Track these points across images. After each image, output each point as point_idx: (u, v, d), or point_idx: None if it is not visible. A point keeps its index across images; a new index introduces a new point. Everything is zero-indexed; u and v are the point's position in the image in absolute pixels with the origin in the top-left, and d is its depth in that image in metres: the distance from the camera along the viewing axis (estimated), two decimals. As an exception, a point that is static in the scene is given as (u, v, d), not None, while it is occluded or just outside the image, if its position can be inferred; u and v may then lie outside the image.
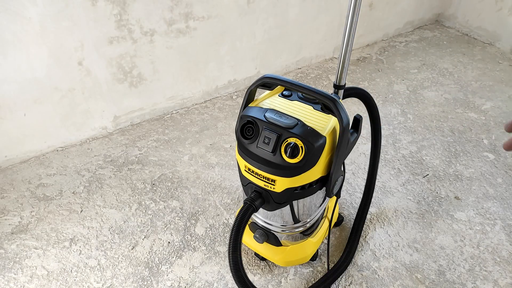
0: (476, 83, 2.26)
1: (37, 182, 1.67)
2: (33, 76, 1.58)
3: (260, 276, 1.33)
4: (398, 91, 2.22)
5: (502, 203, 1.57)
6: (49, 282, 1.32)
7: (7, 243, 1.44)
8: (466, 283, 1.31)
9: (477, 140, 1.87)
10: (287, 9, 2.09)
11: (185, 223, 1.51)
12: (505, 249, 1.41)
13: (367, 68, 2.42)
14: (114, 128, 1.94)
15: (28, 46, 1.51)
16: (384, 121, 1.99)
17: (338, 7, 2.28)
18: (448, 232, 1.47)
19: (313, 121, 0.98)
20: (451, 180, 1.67)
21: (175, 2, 1.73)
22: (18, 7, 1.42)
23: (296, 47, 2.30)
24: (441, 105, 2.11)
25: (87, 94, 1.75)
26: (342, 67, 1.06)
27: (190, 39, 1.87)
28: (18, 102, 1.61)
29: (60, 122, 1.77)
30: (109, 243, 1.44)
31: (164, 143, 1.88)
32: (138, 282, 1.31)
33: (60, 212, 1.55)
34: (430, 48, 2.61)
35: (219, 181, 1.68)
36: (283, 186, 0.98)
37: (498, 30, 2.55)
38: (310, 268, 1.35)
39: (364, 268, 1.35)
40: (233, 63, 2.11)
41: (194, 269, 1.35)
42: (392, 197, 1.60)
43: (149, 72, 1.86)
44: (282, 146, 0.94)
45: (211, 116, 2.04)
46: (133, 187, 1.65)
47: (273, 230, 1.21)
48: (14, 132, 1.68)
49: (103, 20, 1.60)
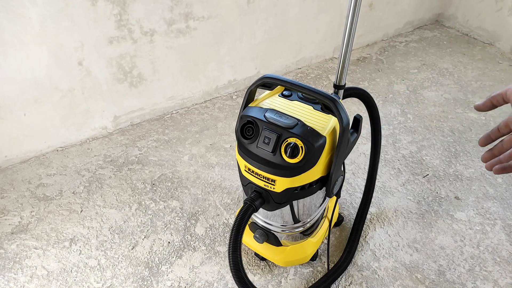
0: (476, 83, 2.26)
1: (37, 182, 1.67)
2: (33, 76, 1.58)
3: (260, 276, 1.33)
4: (398, 91, 2.22)
5: (502, 203, 1.57)
6: (49, 282, 1.32)
7: (7, 243, 1.44)
8: (466, 283, 1.31)
9: (477, 140, 1.87)
10: (287, 9, 2.09)
11: (185, 223, 1.51)
12: (505, 249, 1.41)
13: (367, 68, 2.42)
14: (114, 128, 1.94)
15: (28, 46, 1.51)
16: (384, 121, 1.99)
17: (338, 7, 2.28)
18: (448, 232, 1.47)
19: (313, 121, 0.98)
20: (451, 180, 1.67)
21: (175, 2, 1.73)
22: (18, 7, 1.42)
23: (296, 47, 2.30)
24: (441, 105, 2.11)
25: (87, 94, 1.75)
26: (342, 67, 1.06)
27: (190, 39, 1.87)
28: (18, 102, 1.61)
29: (60, 122, 1.77)
30: (109, 243, 1.44)
31: (164, 143, 1.88)
32: (138, 282, 1.31)
33: (60, 212, 1.55)
34: (430, 48, 2.61)
35: (219, 181, 1.68)
36: (283, 186, 0.98)
37: (498, 30, 2.55)
38: (310, 268, 1.35)
39: (364, 268, 1.35)
40: (233, 63, 2.11)
41: (194, 269, 1.35)
42: (392, 197, 1.60)
43: (149, 72, 1.86)
44: (282, 146, 0.94)
45: (211, 116, 2.04)
46: (133, 187, 1.65)
47: (273, 230, 1.21)
48: (14, 132, 1.68)
49: (103, 20, 1.60)
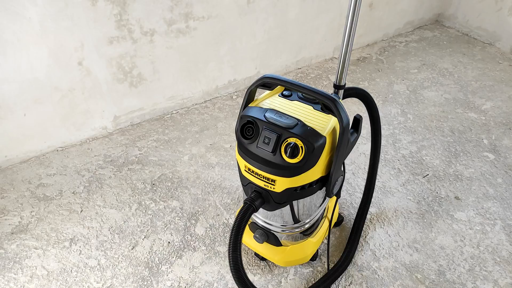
0: (476, 83, 2.26)
1: (37, 182, 1.67)
2: (33, 76, 1.58)
3: (260, 276, 1.33)
4: (398, 91, 2.22)
5: (502, 203, 1.57)
6: (49, 282, 1.32)
7: (7, 243, 1.44)
8: (466, 283, 1.31)
9: (477, 140, 1.87)
10: (287, 9, 2.09)
11: (185, 223, 1.51)
12: (505, 249, 1.41)
13: (367, 68, 2.42)
14: (114, 128, 1.94)
15: (28, 46, 1.51)
16: (384, 121, 1.99)
17: (338, 7, 2.28)
18: (448, 232, 1.47)
19: (313, 121, 0.98)
20: (451, 180, 1.67)
21: (175, 2, 1.73)
22: (18, 7, 1.42)
23: (296, 47, 2.30)
24: (441, 105, 2.11)
25: (87, 94, 1.75)
26: (342, 67, 1.06)
27: (190, 39, 1.87)
28: (18, 102, 1.61)
29: (60, 122, 1.77)
30: (109, 243, 1.44)
31: (164, 143, 1.88)
32: (138, 282, 1.31)
33: (60, 212, 1.55)
34: (430, 48, 2.61)
35: (219, 181, 1.68)
36: (283, 186, 0.98)
37: (498, 30, 2.55)
38: (310, 268, 1.35)
39: (364, 268, 1.35)
40: (233, 63, 2.11)
41: (194, 269, 1.35)
42: (392, 197, 1.60)
43: (149, 72, 1.86)
44: (282, 146, 0.94)
45: (211, 116, 2.04)
46: (133, 187, 1.65)
47: (273, 230, 1.21)
48: (14, 132, 1.68)
49: (103, 20, 1.60)
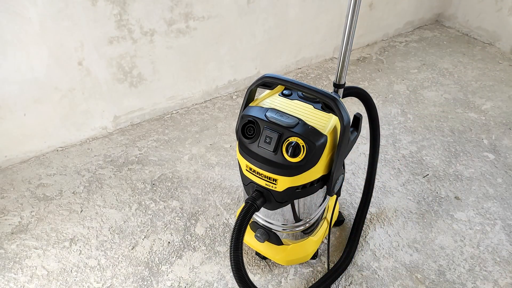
0: (476, 83, 2.27)
1: (37, 182, 1.67)
2: (33, 76, 1.58)
3: (260, 276, 1.33)
4: (398, 91, 2.22)
5: (502, 203, 1.57)
6: (49, 282, 1.32)
7: (7, 243, 1.44)
8: (466, 283, 1.31)
9: (477, 140, 1.87)
10: (287, 9, 2.09)
11: (185, 223, 1.50)
12: (505, 249, 1.41)
13: (367, 68, 2.42)
14: (114, 128, 1.94)
15: (28, 46, 1.51)
16: (384, 121, 1.99)
17: (338, 7, 2.28)
18: (448, 232, 1.47)
19: (313, 120, 0.98)
20: (451, 180, 1.67)
21: (175, 2, 1.73)
22: (18, 7, 1.41)
23: (296, 47, 2.30)
24: (441, 105, 2.11)
25: (87, 94, 1.75)
26: (342, 66, 1.06)
27: (190, 39, 1.87)
28: (18, 102, 1.61)
29: (60, 122, 1.77)
30: (109, 243, 1.43)
31: (164, 143, 1.87)
32: (138, 282, 1.31)
33: (60, 212, 1.55)
34: (430, 48, 2.62)
35: (219, 181, 1.68)
36: (284, 185, 0.98)
37: (498, 30, 2.56)
38: (310, 268, 1.35)
39: (364, 268, 1.35)
40: (233, 63, 2.11)
41: (194, 269, 1.35)
42: (392, 197, 1.60)
43: (149, 72, 1.86)
44: (283, 145, 0.94)
45: (211, 116, 2.04)
46: (133, 187, 1.65)
47: (274, 229, 1.21)
48: (14, 132, 1.68)
49: (103, 20, 1.60)
